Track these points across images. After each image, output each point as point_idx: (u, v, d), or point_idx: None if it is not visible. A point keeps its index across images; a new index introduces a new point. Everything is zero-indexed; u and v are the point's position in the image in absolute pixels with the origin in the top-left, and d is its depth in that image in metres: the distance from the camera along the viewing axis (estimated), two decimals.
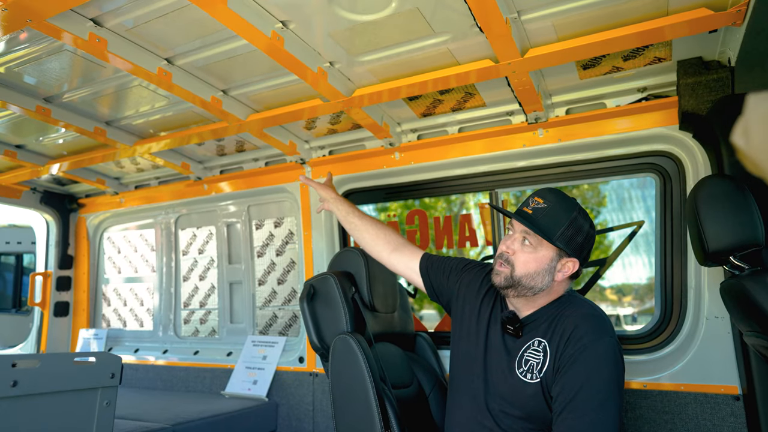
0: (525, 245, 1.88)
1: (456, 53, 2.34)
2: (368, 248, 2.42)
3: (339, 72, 2.50)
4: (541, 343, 1.83)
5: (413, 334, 3.00)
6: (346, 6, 2.02)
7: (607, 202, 3.12)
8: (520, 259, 1.87)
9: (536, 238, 1.85)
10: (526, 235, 1.87)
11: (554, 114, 2.80)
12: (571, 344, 1.74)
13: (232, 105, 2.81)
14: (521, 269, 1.86)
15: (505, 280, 1.89)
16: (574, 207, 1.87)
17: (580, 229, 1.86)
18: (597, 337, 1.73)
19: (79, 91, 2.78)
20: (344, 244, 3.49)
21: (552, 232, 1.83)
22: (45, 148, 3.61)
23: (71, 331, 4.60)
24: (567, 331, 1.77)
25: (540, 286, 1.86)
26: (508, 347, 1.92)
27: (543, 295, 1.90)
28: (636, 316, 9.65)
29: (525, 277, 1.86)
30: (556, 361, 1.76)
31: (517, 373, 1.85)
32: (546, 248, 1.85)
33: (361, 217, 2.44)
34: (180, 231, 4.24)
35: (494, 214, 3.14)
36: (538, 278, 1.85)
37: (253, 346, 3.68)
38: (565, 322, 1.81)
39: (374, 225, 2.40)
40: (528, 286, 1.86)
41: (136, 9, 2.05)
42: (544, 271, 1.85)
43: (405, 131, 3.17)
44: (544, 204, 1.88)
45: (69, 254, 4.60)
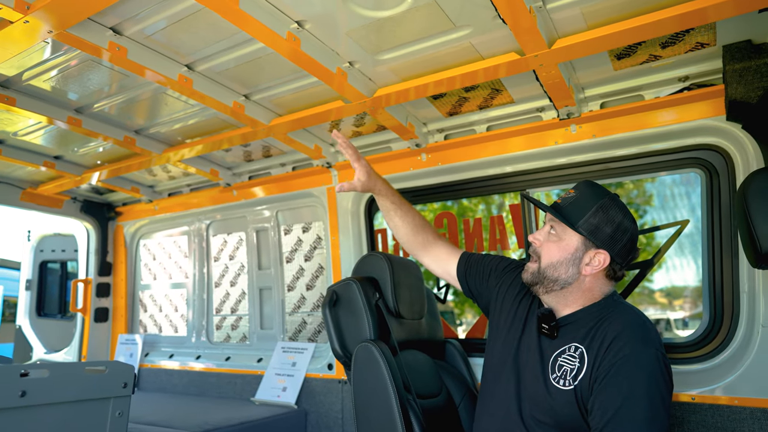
0: (551, 234, 1.82)
1: (479, 48, 2.24)
2: (403, 242, 2.36)
3: (359, 72, 2.44)
4: (578, 349, 1.71)
5: (442, 341, 2.89)
6: (361, 2, 1.95)
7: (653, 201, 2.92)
8: (546, 248, 1.81)
9: (561, 226, 1.78)
10: (553, 224, 1.82)
11: (588, 108, 2.64)
12: (611, 354, 1.61)
13: (255, 110, 2.79)
14: (546, 259, 1.80)
15: (532, 275, 1.84)
16: (603, 195, 1.78)
17: (610, 219, 1.74)
18: (640, 347, 1.60)
19: (108, 101, 2.82)
20: (372, 248, 3.42)
21: (576, 219, 1.74)
22: (81, 158, 3.71)
23: (110, 336, 4.71)
24: (607, 339, 1.65)
25: (565, 278, 1.77)
26: (543, 349, 1.81)
27: (574, 291, 1.79)
28: (687, 320, 9.17)
29: (549, 268, 1.78)
30: (594, 371, 1.63)
31: (550, 379, 1.73)
32: (570, 236, 1.77)
33: (403, 217, 2.32)
34: (211, 237, 4.28)
35: (525, 215, 2.99)
36: (561, 269, 1.76)
37: (283, 353, 3.65)
38: (605, 329, 1.68)
39: (413, 218, 2.32)
40: (552, 278, 1.78)
41: (153, 15, 2.05)
42: (567, 262, 1.76)
43: (431, 131, 3.08)
44: (574, 194, 1.81)
45: (108, 261, 4.73)
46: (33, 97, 2.73)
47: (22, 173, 3.98)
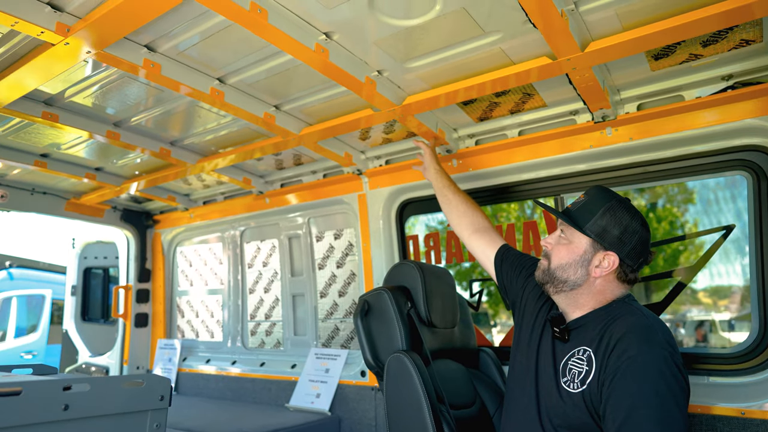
0: (561, 238, 1.87)
1: (510, 53, 2.20)
2: (453, 224, 2.55)
3: (388, 80, 2.43)
4: (586, 351, 1.72)
5: (476, 350, 2.85)
6: (388, 12, 1.94)
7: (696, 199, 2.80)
8: (555, 251, 1.86)
9: (570, 230, 1.84)
10: (563, 227, 1.88)
11: (624, 111, 2.55)
12: (615, 355, 1.60)
13: (286, 120, 2.82)
14: (555, 261, 1.85)
15: (543, 273, 1.89)
16: (610, 198, 1.82)
17: (617, 221, 1.77)
18: (646, 348, 1.58)
19: (145, 114, 2.90)
20: (404, 256, 3.40)
21: (583, 222, 1.80)
22: (120, 170, 3.83)
23: (150, 340, 4.85)
24: (612, 341, 1.64)
25: (574, 280, 1.80)
26: (556, 353, 1.84)
27: (584, 293, 1.81)
28: (734, 323, 8.79)
29: (558, 269, 1.83)
30: (601, 374, 1.63)
31: (561, 383, 1.76)
32: (579, 239, 1.81)
33: (455, 192, 2.59)
34: (245, 244, 4.35)
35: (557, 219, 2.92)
36: (570, 270, 1.81)
37: (316, 359, 3.67)
38: (612, 331, 1.68)
39: (465, 203, 2.52)
40: (561, 279, 1.82)
41: (185, 32, 2.09)
42: (576, 263, 1.80)
43: (462, 137, 3.04)
44: (584, 198, 1.87)
45: (147, 268, 4.86)
46: (74, 113, 2.83)
47: (66, 184, 4.14)
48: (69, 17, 1.91)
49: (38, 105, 2.68)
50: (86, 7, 1.88)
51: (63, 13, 1.90)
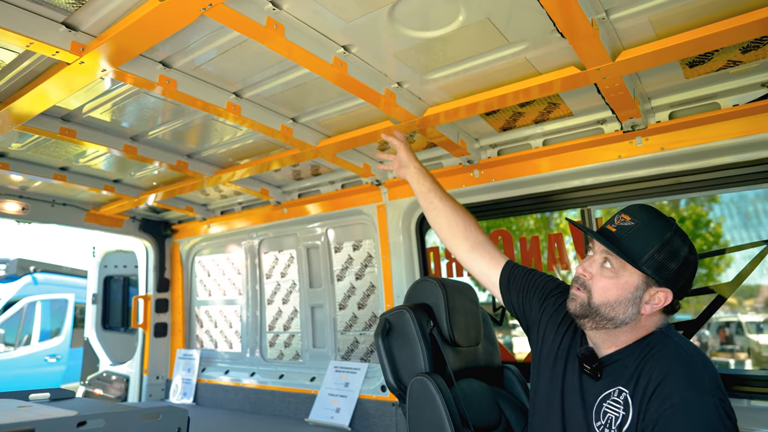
0: (605, 268, 1.59)
1: (535, 62, 2.11)
2: (443, 237, 2.15)
3: (408, 92, 2.36)
4: (622, 393, 1.53)
5: (500, 367, 2.75)
6: (409, 24, 1.87)
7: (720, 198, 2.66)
8: (599, 284, 1.59)
9: (619, 261, 1.56)
10: (608, 257, 1.59)
11: (655, 119, 2.45)
12: (657, 402, 1.41)
13: (303, 132, 2.76)
14: (599, 296, 1.58)
15: (581, 307, 1.62)
16: (668, 226, 1.55)
17: (675, 253, 1.52)
18: (693, 395, 1.38)
19: (162, 128, 2.88)
20: (424, 268, 3.32)
21: (638, 255, 1.52)
22: (139, 181, 3.82)
23: (169, 350, 4.84)
24: (652, 383, 1.45)
25: (622, 318, 1.56)
26: (585, 391, 1.64)
27: (627, 330, 1.59)
28: (762, 326, 8.50)
29: (604, 306, 1.57)
30: (640, 422, 1.44)
31: (594, 427, 1.56)
32: (630, 274, 1.55)
33: (443, 199, 2.13)
34: (263, 255, 4.32)
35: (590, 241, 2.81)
36: (619, 308, 1.56)
37: (335, 372, 3.62)
38: (650, 370, 1.48)
39: (455, 213, 2.11)
40: (607, 317, 1.58)
41: (201, 47, 2.05)
42: (626, 301, 1.55)
43: (484, 147, 2.95)
44: (631, 222, 1.58)
45: (165, 278, 4.86)
46: (92, 128, 2.81)
47: (85, 196, 4.15)
48: (84, 36, 1.88)
49: (56, 121, 2.67)
50: (101, 25, 1.85)
51: (78, 32, 1.87)
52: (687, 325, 2.51)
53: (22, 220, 4.07)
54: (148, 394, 4.69)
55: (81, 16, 1.81)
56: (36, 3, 1.72)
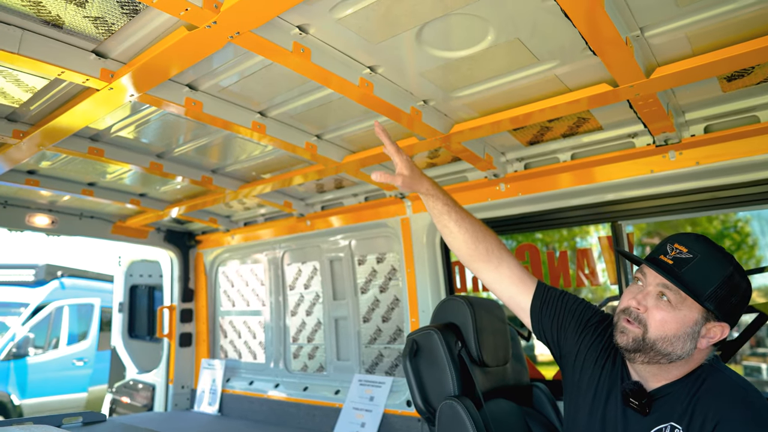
0: (662, 301, 1.52)
1: (565, 78, 2.06)
2: (463, 262, 1.94)
3: (434, 109, 2.33)
4: (675, 429, 1.47)
5: (529, 386, 2.70)
6: (437, 44, 1.84)
7: None
8: (656, 317, 1.51)
9: (678, 295, 1.49)
10: (665, 290, 1.51)
11: (689, 133, 2.37)
12: None
13: (327, 148, 2.75)
14: (656, 331, 1.51)
15: (634, 342, 1.54)
16: (729, 261, 1.50)
17: (735, 288, 1.47)
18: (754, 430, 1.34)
19: (187, 146, 2.90)
20: (449, 282, 3.28)
21: (701, 290, 1.46)
22: (164, 195, 3.86)
23: (194, 360, 4.88)
24: (709, 422, 1.39)
25: (679, 354, 1.50)
26: (630, 426, 1.57)
27: (682, 365, 1.54)
28: None
29: (661, 341, 1.50)
30: None
31: None
32: (690, 308, 1.49)
33: (458, 222, 1.87)
34: (286, 266, 4.32)
35: (620, 265, 2.74)
36: (677, 344, 1.49)
37: (360, 386, 3.60)
38: (706, 407, 1.43)
39: (473, 236, 1.87)
40: (663, 353, 1.51)
41: (227, 70, 2.05)
42: (685, 336, 1.49)
43: (510, 160, 2.90)
44: (689, 254, 1.51)
45: (190, 288, 4.91)
46: (119, 146, 2.84)
47: (112, 209, 4.21)
48: (113, 63, 1.90)
49: (85, 141, 2.70)
50: (129, 53, 1.86)
51: (107, 59, 1.89)
52: (729, 345, 2.42)
53: (51, 233, 4.15)
54: (174, 404, 4.74)
55: (110, 44, 1.82)
56: (67, 33, 1.74)
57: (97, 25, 1.71)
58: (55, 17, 1.65)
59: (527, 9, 1.63)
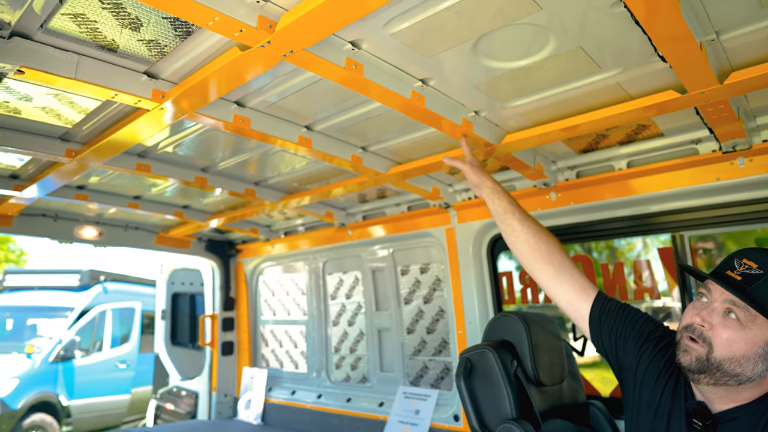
0: (729, 319, 1.43)
1: (627, 86, 1.95)
2: (524, 263, 1.93)
3: (485, 119, 2.25)
4: None
5: (585, 404, 2.59)
6: (493, 55, 1.76)
7: None
8: (722, 336, 1.42)
9: (748, 312, 1.40)
10: (733, 308, 1.42)
11: (761, 138, 2.23)
12: None
13: (372, 160, 2.70)
14: (723, 350, 1.41)
15: (698, 362, 1.45)
16: None
17: None
18: None
19: (231, 160, 2.90)
20: (497, 294, 3.19)
21: None
22: (206, 206, 3.89)
23: (236, 368, 4.91)
24: None
25: (749, 376, 1.40)
26: None
27: (751, 388, 1.43)
28: None
29: (728, 362, 1.41)
30: None
31: None
32: (761, 327, 1.39)
33: (522, 221, 1.89)
34: (327, 276, 4.29)
35: (678, 259, 2.60)
36: (747, 365, 1.39)
37: (405, 398, 3.54)
38: None
39: (536, 236, 1.88)
40: (731, 374, 1.41)
41: (275, 88, 2.03)
42: (756, 357, 1.39)
43: (561, 169, 2.80)
44: (759, 269, 1.42)
45: (231, 297, 4.94)
46: (165, 162, 2.86)
47: (155, 220, 4.27)
48: (164, 83, 1.89)
49: (133, 158, 2.73)
50: (180, 73, 1.86)
51: (158, 80, 1.88)
52: None
53: (98, 244, 4.23)
54: (217, 412, 4.78)
55: (162, 65, 1.82)
56: (121, 56, 1.74)
57: (150, 48, 1.70)
58: (110, 42, 1.65)
59: (593, 17, 1.54)
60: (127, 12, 1.49)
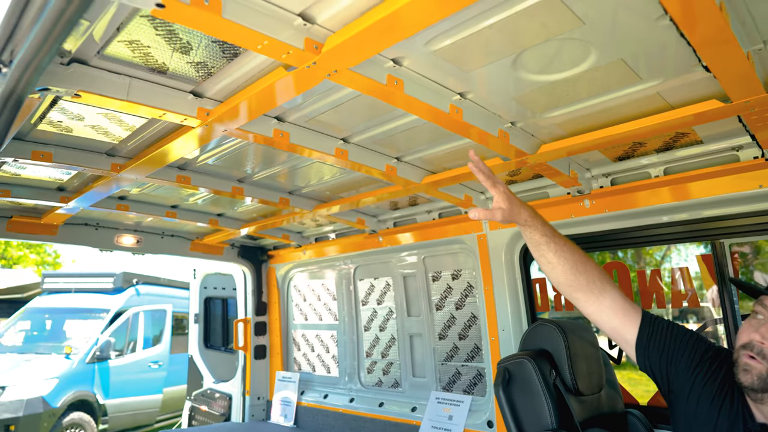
0: None
1: (667, 95, 1.93)
2: (558, 282, 1.85)
3: (521, 130, 2.26)
4: None
5: (624, 413, 2.57)
6: (533, 69, 1.77)
7: None
8: None
9: None
10: None
11: None
12: None
13: (407, 170, 2.73)
14: None
15: (760, 380, 1.44)
16: None
17: None
18: None
19: (267, 171, 2.96)
20: (530, 301, 3.18)
21: None
22: (240, 215, 3.98)
23: (269, 372, 5.00)
24: None
25: None
26: None
27: None
28: None
29: None
30: None
31: None
32: None
33: (557, 253, 1.77)
34: (358, 282, 4.33)
35: (718, 267, 2.56)
36: None
37: (438, 404, 3.55)
38: None
39: (573, 266, 1.77)
40: None
41: (315, 104, 2.07)
42: None
43: (596, 176, 2.78)
44: None
45: (263, 301, 5.03)
46: (204, 173, 2.94)
47: (190, 228, 4.38)
48: (209, 102, 1.96)
49: (173, 170, 2.81)
50: (224, 91, 1.91)
51: (203, 98, 1.94)
52: None
53: (136, 252, 4.36)
54: (250, 414, 4.87)
55: (207, 84, 1.88)
56: (169, 77, 1.80)
57: (198, 69, 1.76)
58: (160, 65, 1.71)
59: (637, 30, 1.54)
60: (179, 37, 1.55)
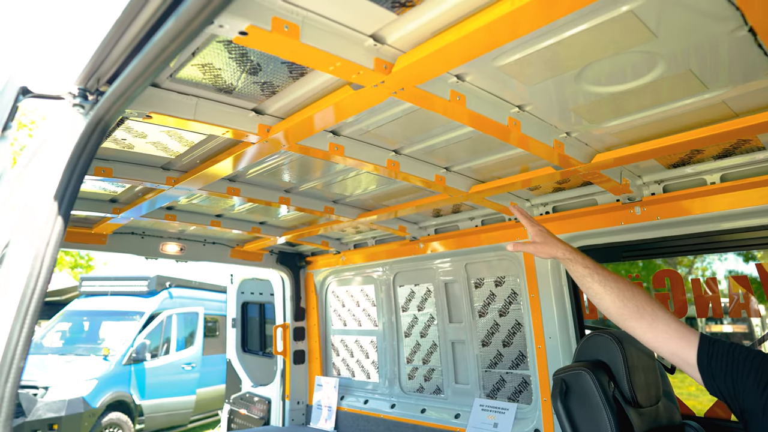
0: None
1: (732, 103, 1.89)
2: (609, 312, 1.86)
3: (576, 140, 2.24)
4: None
5: (681, 425, 2.53)
6: (597, 81, 1.76)
7: None
8: None
9: None
10: None
11: None
12: None
13: (455, 180, 2.73)
14: None
15: None
16: None
17: None
18: None
19: (313, 182, 2.99)
20: (577, 309, 3.15)
21: None
22: (281, 222, 4.03)
23: (308, 377, 5.05)
24: None
25: None
26: None
27: None
28: None
29: None
30: None
31: None
32: None
33: (602, 283, 1.82)
34: (398, 288, 4.34)
35: None
36: None
37: (482, 411, 3.54)
38: None
39: (620, 294, 1.81)
40: None
41: (370, 118, 2.09)
42: None
43: (647, 183, 2.73)
44: None
45: (302, 307, 5.08)
46: (252, 185, 2.99)
47: (231, 235, 4.45)
48: (269, 118, 1.99)
49: (224, 183, 2.86)
50: (285, 109, 1.95)
51: (264, 115, 1.98)
52: None
53: (180, 259, 4.46)
54: (290, 419, 4.92)
55: (269, 102, 1.91)
56: (235, 97, 1.84)
57: (263, 88, 1.80)
58: (228, 85, 1.75)
59: (710, 40, 1.51)
60: (250, 59, 1.59)
